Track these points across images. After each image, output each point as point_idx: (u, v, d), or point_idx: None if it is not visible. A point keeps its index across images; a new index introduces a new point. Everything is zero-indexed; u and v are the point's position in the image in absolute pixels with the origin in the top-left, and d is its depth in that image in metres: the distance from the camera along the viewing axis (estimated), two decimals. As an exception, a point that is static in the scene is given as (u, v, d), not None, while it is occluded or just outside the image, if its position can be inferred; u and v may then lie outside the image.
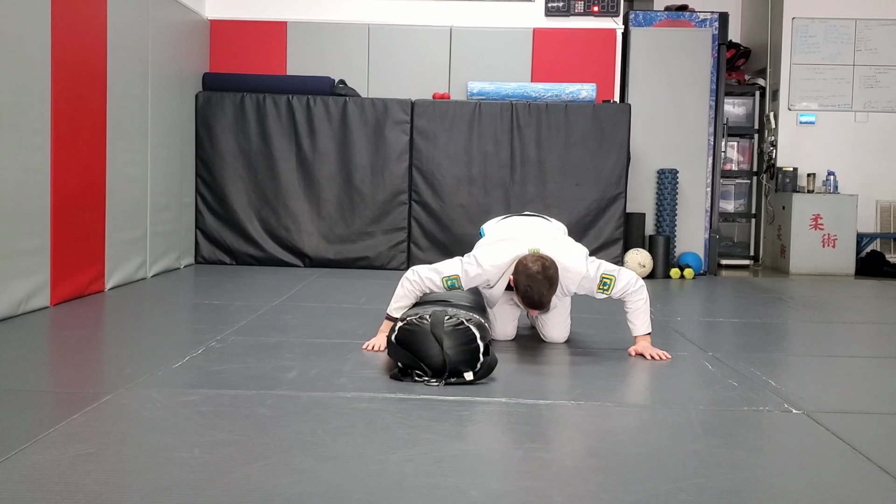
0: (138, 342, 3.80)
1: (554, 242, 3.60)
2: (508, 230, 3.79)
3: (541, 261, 3.36)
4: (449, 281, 3.52)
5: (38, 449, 2.21)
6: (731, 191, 8.70)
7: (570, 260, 3.51)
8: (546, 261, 3.37)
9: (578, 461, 2.25)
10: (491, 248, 3.59)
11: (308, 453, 2.26)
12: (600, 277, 3.54)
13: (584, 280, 3.53)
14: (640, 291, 3.62)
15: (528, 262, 3.37)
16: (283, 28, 7.32)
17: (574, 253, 3.57)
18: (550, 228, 3.89)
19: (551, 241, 3.61)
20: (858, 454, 2.36)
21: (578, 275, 3.52)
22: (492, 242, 3.66)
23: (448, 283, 3.52)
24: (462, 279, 3.52)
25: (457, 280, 3.52)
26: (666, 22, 7.49)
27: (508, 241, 3.59)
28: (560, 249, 3.54)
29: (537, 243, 3.51)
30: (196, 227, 7.00)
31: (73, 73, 4.79)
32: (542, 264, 3.35)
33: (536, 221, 3.95)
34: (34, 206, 4.42)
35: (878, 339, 4.60)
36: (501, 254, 3.52)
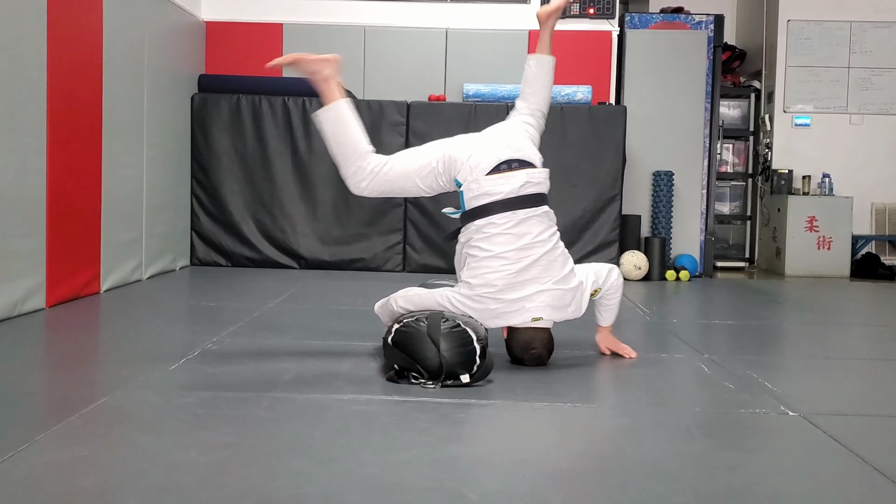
0: (134, 344, 3.80)
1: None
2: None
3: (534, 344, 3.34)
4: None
5: (35, 451, 2.20)
6: (726, 193, 8.72)
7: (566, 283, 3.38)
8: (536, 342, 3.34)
9: (576, 463, 2.25)
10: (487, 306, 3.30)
11: (305, 455, 2.26)
12: (591, 284, 3.51)
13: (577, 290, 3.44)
14: (620, 276, 3.61)
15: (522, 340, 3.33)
16: (279, 30, 7.32)
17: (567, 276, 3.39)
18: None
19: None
20: (855, 456, 2.36)
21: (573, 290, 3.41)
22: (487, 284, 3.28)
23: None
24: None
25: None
26: (661, 24, 7.50)
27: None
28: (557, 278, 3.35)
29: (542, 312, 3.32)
30: (192, 229, 6.99)
31: (68, 74, 4.78)
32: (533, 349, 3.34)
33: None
34: (30, 207, 4.41)
35: (874, 341, 4.61)
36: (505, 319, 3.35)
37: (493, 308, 3.28)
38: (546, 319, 3.35)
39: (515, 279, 3.26)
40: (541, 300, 3.29)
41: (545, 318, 3.33)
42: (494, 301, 3.27)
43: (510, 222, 3.29)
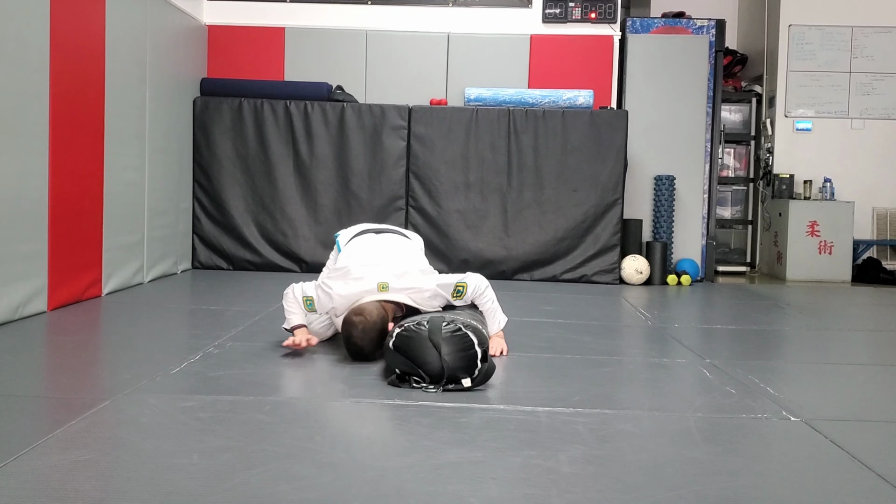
0: (136, 348, 3.80)
1: (402, 278, 3.62)
2: (362, 254, 3.76)
3: (363, 316, 3.43)
4: (307, 301, 3.66)
5: (36, 455, 2.20)
6: (727, 197, 8.72)
7: (419, 282, 3.65)
8: (370, 316, 3.43)
9: (577, 468, 2.24)
10: (344, 282, 3.60)
11: (306, 460, 2.26)
12: (454, 286, 3.68)
13: (436, 296, 3.66)
14: (487, 292, 3.76)
15: (352, 317, 3.45)
16: (281, 34, 7.33)
17: (422, 277, 3.71)
18: (406, 250, 3.88)
19: (399, 276, 3.62)
20: (857, 462, 2.36)
21: (430, 292, 3.65)
22: (344, 275, 3.64)
23: (306, 303, 3.66)
24: (315, 303, 3.65)
25: (312, 301, 3.65)
26: (663, 29, 7.51)
27: (358, 279, 3.59)
28: (408, 280, 3.64)
29: (385, 277, 3.60)
30: (193, 233, 6.99)
31: (71, 78, 4.79)
32: (364, 321, 3.41)
33: (392, 243, 3.92)
34: (32, 210, 4.42)
35: (876, 346, 4.61)
36: (351, 289, 3.57)
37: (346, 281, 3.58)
38: (393, 289, 3.56)
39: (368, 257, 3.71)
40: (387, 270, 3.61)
41: (391, 286, 3.57)
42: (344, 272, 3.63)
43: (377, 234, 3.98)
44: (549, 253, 7.05)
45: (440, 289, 3.68)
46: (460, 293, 3.70)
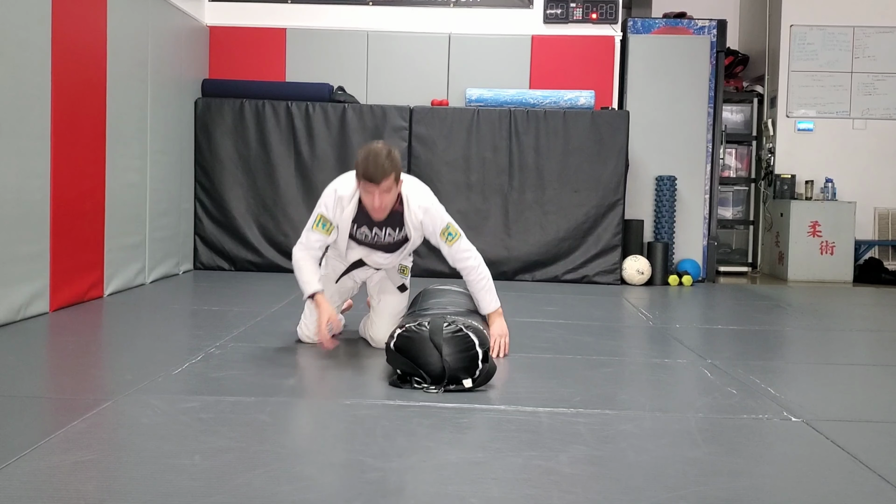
0: (138, 348, 3.80)
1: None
2: None
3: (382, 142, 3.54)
4: (317, 223, 3.64)
5: (38, 455, 2.21)
6: (729, 198, 8.72)
7: (419, 187, 3.71)
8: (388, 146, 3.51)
9: (578, 469, 2.25)
10: (344, 176, 3.71)
11: (308, 460, 2.26)
12: (447, 225, 3.68)
13: (430, 211, 3.66)
14: (483, 267, 3.75)
15: (370, 143, 3.54)
16: (283, 35, 7.33)
17: (424, 187, 3.75)
18: None
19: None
20: (858, 462, 2.36)
21: (427, 200, 3.67)
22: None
23: (318, 225, 3.64)
24: (325, 213, 3.64)
25: (322, 219, 3.65)
26: (664, 29, 7.51)
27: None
28: (410, 179, 3.72)
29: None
30: (195, 233, 7.00)
31: (72, 79, 4.80)
32: (383, 144, 3.51)
33: None
34: (34, 211, 4.43)
35: (878, 346, 4.61)
36: (353, 177, 3.61)
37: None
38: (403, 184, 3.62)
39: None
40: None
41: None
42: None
43: None
44: (550, 253, 7.05)
45: (437, 216, 3.66)
46: (451, 237, 3.67)
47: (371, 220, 3.64)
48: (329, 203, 3.64)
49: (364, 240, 3.73)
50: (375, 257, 3.81)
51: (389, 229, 3.68)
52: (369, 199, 3.50)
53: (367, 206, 3.54)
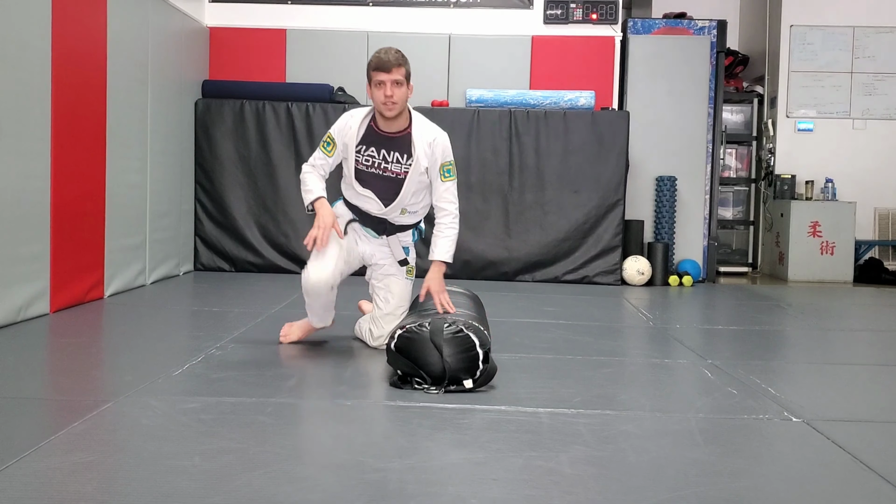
0: (138, 350, 3.80)
1: None
2: None
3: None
4: (323, 144, 3.72)
5: (39, 457, 2.21)
6: (729, 198, 8.72)
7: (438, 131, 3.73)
8: None
9: (579, 469, 2.25)
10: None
11: (309, 461, 2.26)
12: (451, 161, 3.70)
13: (442, 137, 3.68)
14: (458, 221, 3.74)
15: None
16: (283, 35, 7.33)
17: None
18: None
19: None
20: (859, 463, 2.36)
21: (436, 130, 3.70)
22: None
23: (324, 145, 3.72)
24: (333, 132, 3.71)
25: (328, 138, 3.72)
26: (664, 29, 7.51)
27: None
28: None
29: None
30: (195, 234, 7.00)
31: (73, 80, 4.80)
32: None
33: None
34: (34, 212, 4.43)
35: (878, 346, 4.61)
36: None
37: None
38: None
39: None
40: None
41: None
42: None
43: None
44: (550, 254, 7.05)
45: (447, 145, 3.67)
46: (449, 175, 3.68)
47: (379, 139, 3.62)
48: (340, 123, 3.71)
49: (370, 166, 3.66)
50: (375, 207, 3.70)
51: (397, 154, 3.62)
52: (380, 92, 3.52)
53: (378, 100, 3.54)
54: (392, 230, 3.77)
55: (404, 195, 3.65)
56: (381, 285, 3.84)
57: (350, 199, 3.78)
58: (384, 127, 3.64)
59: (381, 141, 3.63)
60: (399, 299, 3.81)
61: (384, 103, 3.54)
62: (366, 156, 3.66)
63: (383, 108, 3.56)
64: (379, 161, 3.65)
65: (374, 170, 3.66)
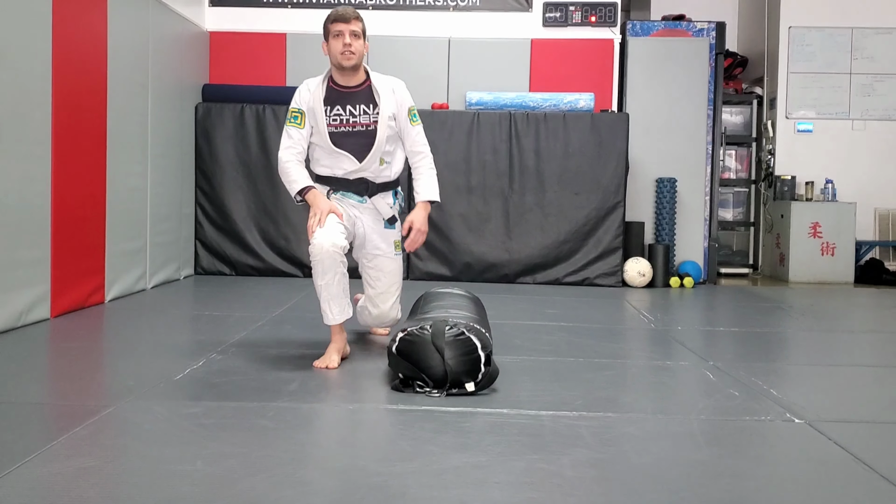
0: (139, 354, 3.80)
1: None
2: None
3: None
4: (290, 119, 3.75)
5: (40, 462, 2.21)
6: (729, 199, 8.72)
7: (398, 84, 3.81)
8: None
9: (581, 472, 2.25)
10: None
11: (310, 465, 2.26)
12: (413, 105, 3.80)
13: (400, 85, 3.78)
14: (433, 161, 3.87)
15: None
16: (283, 39, 7.34)
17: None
18: None
19: None
20: (861, 464, 2.36)
21: (393, 79, 3.80)
22: None
23: (291, 119, 3.75)
24: (295, 104, 3.74)
25: (293, 112, 3.74)
26: (663, 32, 7.52)
27: None
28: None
29: None
30: (196, 238, 7.00)
31: (73, 84, 4.80)
32: None
33: None
34: (34, 217, 4.43)
35: (879, 347, 4.60)
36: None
37: None
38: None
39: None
40: None
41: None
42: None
43: None
44: (551, 256, 7.05)
45: (406, 91, 3.77)
46: (415, 119, 3.80)
47: (342, 97, 3.68)
48: (297, 96, 3.75)
49: (339, 125, 3.68)
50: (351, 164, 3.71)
51: (363, 106, 3.69)
52: (339, 42, 3.64)
53: (336, 51, 3.65)
54: (374, 190, 3.77)
55: (379, 143, 3.68)
56: (371, 265, 3.86)
57: (323, 170, 3.79)
58: (344, 82, 3.71)
59: (344, 97, 3.69)
60: (391, 277, 3.85)
61: (342, 53, 3.63)
62: (333, 116, 3.69)
63: (342, 59, 3.65)
64: (346, 118, 3.69)
65: (345, 127, 3.70)
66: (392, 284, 3.85)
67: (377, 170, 3.75)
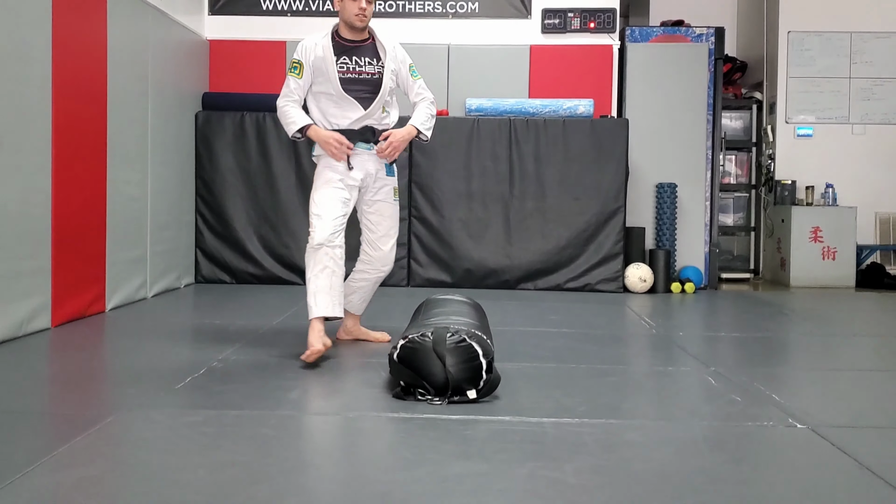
0: (140, 363, 3.79)
1: None
2: None
3: None
4: (291, 69, 4.07)
5: (41, 473, 2.20)
6: (730, 204, 8.72)
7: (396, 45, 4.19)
8: None
9: (583, 479, 2.24)
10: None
11: (312, 474, 2.26)
12: (411, 62, 4.20)
13: (397, 46, 4.17)
14: (434, 104, 4.32)
15: None
16: (283, 47, 7.35)
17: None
18: None
19: None
20: (864, 469, 2.35)
21: (394, 41, 4.17)
22: None
23: (292, 69, 4.07)
24: (298, 56, 4.06)
25: (295, 63, 4.06)
26: (662, 37, 7.52)
27: None
28: None
29: None
30: (196, 246, 7.00)
31: (73, 93, 4.81)
32: None
33: None
34: (35, 226, 4.43)
35: (881, 351, 4.59)
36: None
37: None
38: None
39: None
40: None
41: None
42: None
43: None
44: (552, 262, 7.04)
45: (404, 51, 4.17)
46: (415, 74, 4.20)
47: (350, 49, 4.02)
48: (301, 49, 4.06)
49: (347, 72, 4.01)
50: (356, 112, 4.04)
51: (367, 59, 4.06)
52: (354, 6, 3.95)
53: (351, 15, 3.96)
54: (378, 136, 4.13)
55: (383, 91, 4.07)
56: (372, 210, 4.19)
57: (328, 118, 4.09)
58: (350, 37, 4.07)
59: (350, 49, 4.05)
60: (390, 220, 4.21)
61: (357, 15, 3.99)
62: (340, 64, 4.03)
63: (355, 20, 4.00)
64: (353, 66, 4.05)
65: (352, 74, 4.04)
66: (391, 227, 4.22)
67: (379, 117, 4.13)
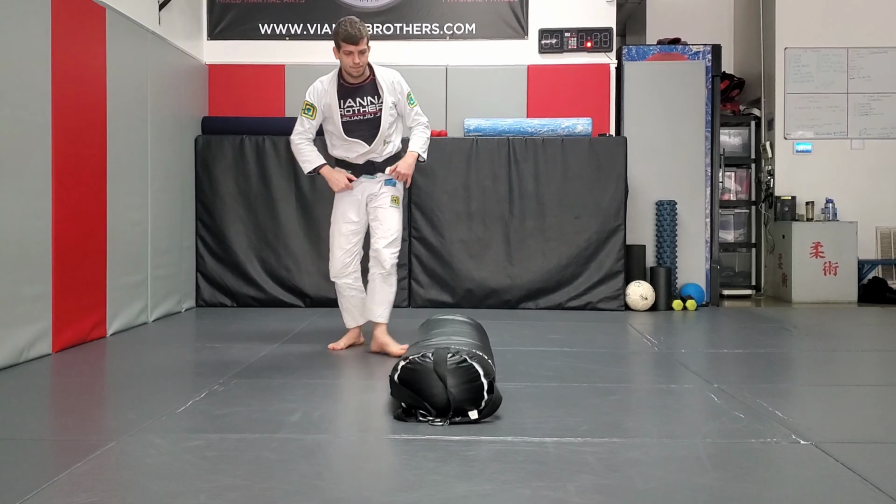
0: (141, 388, 3.78)
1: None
2: None
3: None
4: (305, 110, 4.58)
5: (42, 499, 2.19)
6: (730, 221, 8.72)
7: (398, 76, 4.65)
8: None
9: (587, 498, 2.22)
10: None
11: (315, 497, 2.24)
12: (409, 91, 4.62)
13: (398, 76, 4.60)
14: (429, 128, 4.78)
15: (341, 19, 4.45)
16: (282, 71, 7.39)
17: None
18: None
19: None
20: (868, 484, 2.34)
21: (391, 71, 4.62)
22: None
23: (305, 111, 4.58)
24: (310, 98, 4.56)
25: (307, 105, 4.57)
26: (659, 55, 7.56)
27: None
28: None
29: None
30: (197, 270, 7.00)
31: (73, 118, 4.83)
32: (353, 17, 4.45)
33: None
34: (35, 252, 4.43)
35: (885, 366, 4.58)
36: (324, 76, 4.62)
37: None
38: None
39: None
40: None
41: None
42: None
43: None
44: (553, 281, 7.04)
45: (403, 81, 4.59)
46: (413, 102, 4.65)
47: (352, 91, 4.47)
48: (312, 92, 4.54)
49: (351, 115, 4.49)
50: (361, 148, 4.54)
51: (369, 98, 4.50)
52: (350, 59, 4.37)
53: (347, 66, 4.40)
54: (380, 167, 4.62)
55: (383, 128, 4.53)
56: (374, 216, 4.67)
57: (338, 153, 4.64)
58: (352, 81, 4.50)
59: (353, 91, 4.50)
60: (387, 223, 4.62)
61: (353, 67, 4.42)
62: (346, 108, 4.51)
63: (352, 70, 4.44)
64: (357, 108, 4.50)
65: (357, 117, 4.52)
66: (387, 230, 4.62)
67: (381, 149, 4.60)
